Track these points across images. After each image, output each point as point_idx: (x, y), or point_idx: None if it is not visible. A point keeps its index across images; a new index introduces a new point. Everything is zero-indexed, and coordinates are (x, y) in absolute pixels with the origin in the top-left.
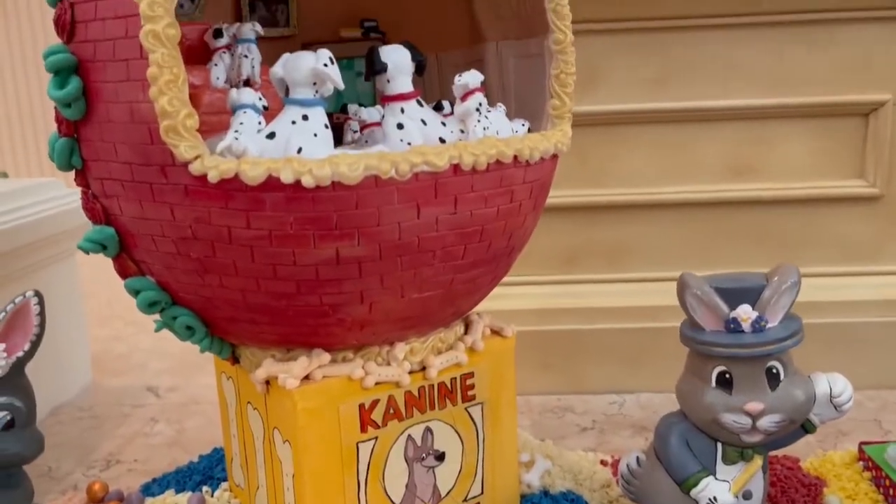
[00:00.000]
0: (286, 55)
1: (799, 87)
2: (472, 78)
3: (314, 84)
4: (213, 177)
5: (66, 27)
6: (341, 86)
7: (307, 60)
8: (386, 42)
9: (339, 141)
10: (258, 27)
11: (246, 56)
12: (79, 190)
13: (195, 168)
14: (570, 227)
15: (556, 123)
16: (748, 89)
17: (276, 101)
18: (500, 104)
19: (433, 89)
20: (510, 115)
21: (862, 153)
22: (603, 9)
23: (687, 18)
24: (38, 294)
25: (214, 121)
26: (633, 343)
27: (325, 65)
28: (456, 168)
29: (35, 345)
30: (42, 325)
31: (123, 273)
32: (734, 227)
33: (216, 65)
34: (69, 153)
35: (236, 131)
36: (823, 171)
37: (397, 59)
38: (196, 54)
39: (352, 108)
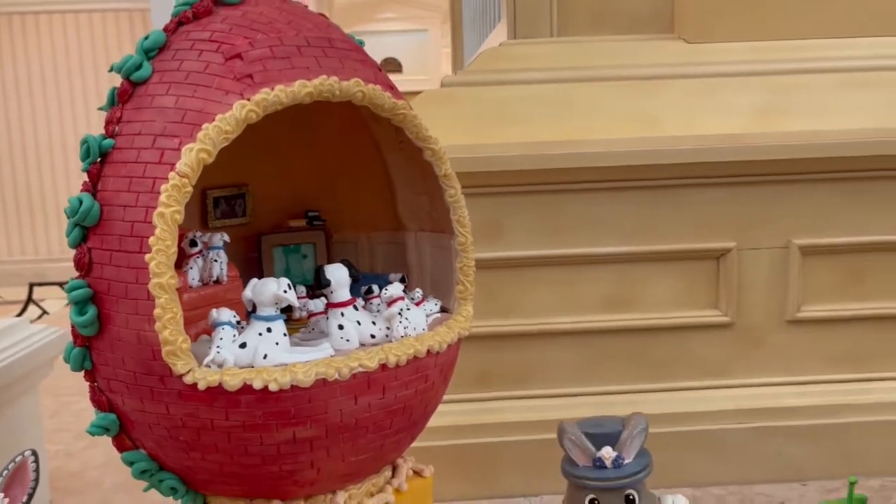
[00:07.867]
0: (254, 281)
1: (663, 237)
2: (396, 290)
3: (276, 304)
4: (201, 385)
5: (85, 266)
6: (297, 305)
7: (271, 287)
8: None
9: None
10: (225, 236)
11: (216, 260)
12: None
13: (188, 379)
14: (481, 353)
15: (461, 304)
16: (623, 238)
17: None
18: (417, 289)
19: (364, 263)
20: (426, 292)
21: (716, 289)
22: (506, 177)
23: (574, 183)
24: (34, 452)
25: (192, 315)
26: (539, 452)
27: (285, 291)
28: (383, 366)
29: (31, 496)
30: (37, 479)
31: (120, 448)
32: (616, 350)
33: (191, 268)
34: (82, 360)
35: (218, 347)
36: (685, 303)
37: (338, 276)
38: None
39: (300, 289)
